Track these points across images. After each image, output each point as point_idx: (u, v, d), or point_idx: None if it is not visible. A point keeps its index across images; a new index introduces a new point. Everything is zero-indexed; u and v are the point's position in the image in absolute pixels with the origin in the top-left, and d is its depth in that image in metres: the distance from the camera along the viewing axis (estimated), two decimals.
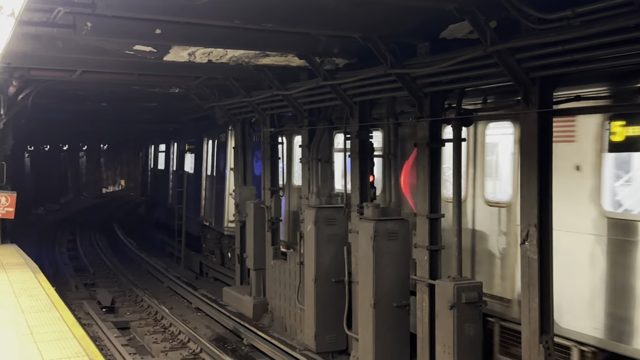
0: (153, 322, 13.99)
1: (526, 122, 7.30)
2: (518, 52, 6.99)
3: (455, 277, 8.28)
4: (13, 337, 7.54)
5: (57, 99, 17.58)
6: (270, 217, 13.46)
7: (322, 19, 7.82)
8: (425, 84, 8.58)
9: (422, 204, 8.79)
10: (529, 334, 7.26)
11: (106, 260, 21.27)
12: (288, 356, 11.00)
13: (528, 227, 7.26)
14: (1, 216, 14.38)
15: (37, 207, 33.81)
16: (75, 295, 16.17)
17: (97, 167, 49.14)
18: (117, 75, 12.67)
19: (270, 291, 13.44)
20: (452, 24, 7.81)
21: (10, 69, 11.52)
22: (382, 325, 9.37)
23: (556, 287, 7.25)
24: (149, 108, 20.80)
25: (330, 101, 10.94)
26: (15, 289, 10.06)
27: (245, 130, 15.23)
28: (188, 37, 8.70)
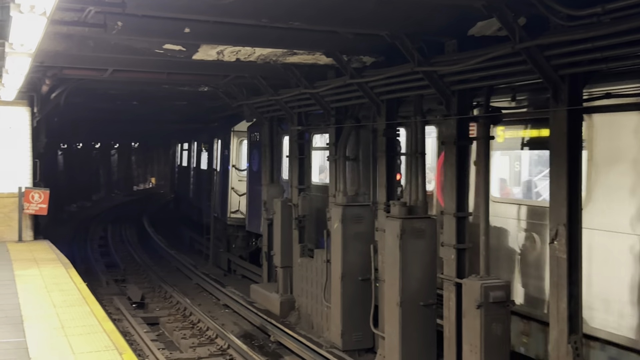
0: (182, 318, 14.15)
1: (555, 120, 7.22)
2: (547, 49, 6.92)
3: (482, 276, 8.23)
4: (45, 331, 7.70)
5: (89, 98, 17.88)
6: (297, 215, 13.51)
7: (349, 17, 7.83)
8: (452, 81, 8.53)
9: (449, 202, 8.75)
10: (557, 334, 7.18)
11: (136, 257, 21.56)
12: (314, 354, 11.04)
13: (557, 226, 7.18)
14: (34, 212, 14.68)
15: (70, 204, 34.39)
16: (106, 290, 16.42)
17: (128, 164, 49.80)
18: (147, 74, 12.84)
19: (297, 289, 13.50)
20: (480, 21, 7.76)
21: (44, 67, 11.75)
22: (409, 324, 9.35)
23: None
24: (179, 106, 21.03)
25: (357, 99, 10.94)
26: (47, 284, 10.27)
27: (273, 129, 15.30)
28: (216, 36, 8.79)
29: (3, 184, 14.72)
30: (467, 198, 8.75)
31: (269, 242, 14.97)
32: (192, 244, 24.26)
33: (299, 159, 13.81)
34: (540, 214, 8.46)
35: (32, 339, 7.35)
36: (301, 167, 13.86)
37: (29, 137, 15.04)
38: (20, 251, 13.39)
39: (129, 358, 6.74)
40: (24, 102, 14.89)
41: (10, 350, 6.98)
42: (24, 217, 14.64)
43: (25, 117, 15.00)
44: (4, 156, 14.79)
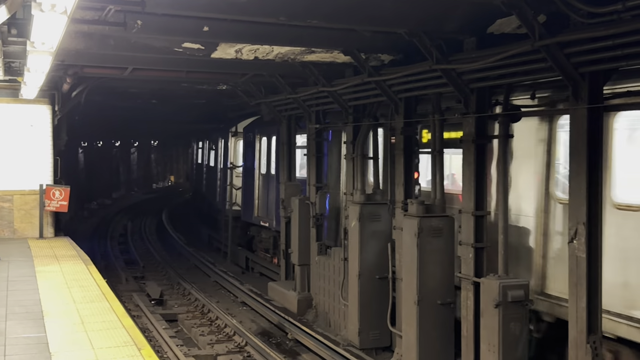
0: (200, 315, 14.23)
1: (575, 118, 7.16)
2: (567, 47, 6.86)
3: (501, 275, 8.18)
4: (65, 326, 7.79)
5: (109, 96, 18.03)
6: (315, 213, 13.53)
7: (367, 15, 7.82)
8: (471, 79, 8.49)
9: (468, 200, 8.72)
10: (576, 334, 7.13)
11: (155, 254, 21.71)
12: (332, 352, 11.05)
13: (576, 225, 7.13)
14: (55, 210, 14.84)
15: (90, 202, 34.72)
16: (125, 287, 16.56)
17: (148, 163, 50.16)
18: (166, 72, 12.92)
19: (315, 287, 13.52)
20: (499, 19, 7.72)
21: (64, 66, 11.87)
22: (426, 323, 9.33)
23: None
24: (197, 105, 21.14)
25: (375, 97, 10.93)
26: (67, 280, 10.38)
27: (291, 127, 15.33)
28: (235, 34, 8.82)
29: (25, 182, 14.89)
30: (485, 197, 8.71)
31: (286, 240, 15.01)
32: (211, 241, 24.39)
33: (316, 157, 13.82)
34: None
35: (53, 334, 7.44)
36: (319, 165, 13.87)
37: (50, 135, 15.20)
38: (41, 248, 13.54)
39: (147, 353, 6.79)
40: (46, 101, 15.06)
41: (31, 345, 7.07)
42: (45, 214, 14.80)
43: (47, 115, 15.17)
44: (26, 154, 14.97)
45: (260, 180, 18.98)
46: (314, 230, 13.57)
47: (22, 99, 14.28)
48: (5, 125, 14.31)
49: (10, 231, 14.85)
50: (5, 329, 7.62)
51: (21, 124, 14.96)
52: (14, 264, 11.69)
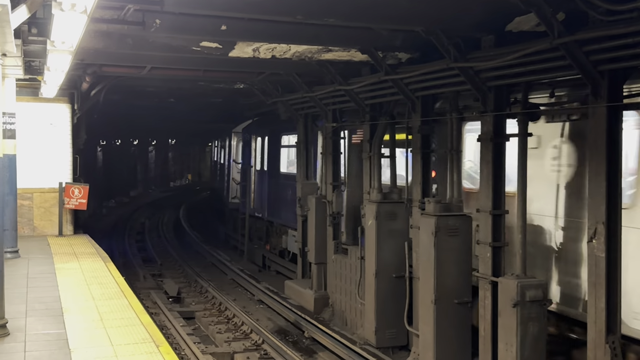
0: (217, 313, 14.30)
1: (594, 117, 7.10)
2: (586, 45, 6.80)
3: (519, 274, 8.14)
4: (84, 323, 7.87)
5: (127, 95, 18.17)
6: (332, 212, 13.54)
7: (384, 13, 7.81)
8: (489, 77, 8.45)
9: (485, 199, 8.68)
10: (595, 334, 7.08)
11: (172, 252, 21.85)
12: (348, 350, 11.05)
13: (596, 224, 7.07)
14: (74, 207, 14.99)
15: (109, 200, 35.01)
16: (143, 284, 16.68)
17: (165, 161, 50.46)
18: (184, 71, 12.99)
19: (331, 285, 13.53)
20: (518, 17, 7.67)
21: (84, 65, 11.98)
22: (443, 322, 9.30)
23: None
24: (214, 104, 21.23)
25: (392, 96, 10.91)
26: (86, 277, 10.48)
27: (307, 126, 15.34)
28: (252, 33, 8.84)
29: (44, 180, 15.06)
30: (503, 196, 8.67)
31: (303, 239, 15.04)
32: (228, 239, 24.50)
33: (333, 155, 13.83)
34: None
35: (72, 331, 7.52)
36: (335, 163, 13.87)
37: (70, 134, 15.35)
38: (61, 245, 13.68)
39: (165, 350, 6.84)
40: (65, 99, 15.21)
41: (50, 341, 7.15)
42: (65, 211, 14.95)
43: (66, 113, 15.32)
44: (46, 152, 15.13)
45: (255, 176, 21.12)
46: (331, 228, 13.58)
47: (42, 97, 14.43)
48: (25, 123, 14.45)
49: (30, 229, 15.02)
50: (25, 325, 7.72)
51: (41, 123, 15.13)
52: (33, 261, 11.83)
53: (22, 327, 7.63)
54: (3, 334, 7.32)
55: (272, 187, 19.17)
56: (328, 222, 13.62)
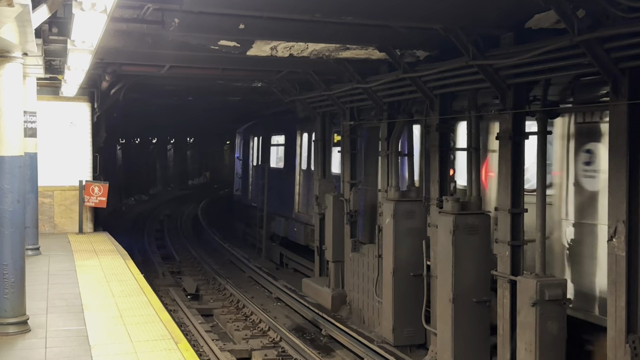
0: (235, 310, 14.36)
1: (615, 114, 7.03)
2: (607, 42, 6.74)
3: (538, 273, 8.09)
4: (104, 319, 7.95)
5: (146, 94, 18.30)
6: (349, 210, 13.53)
7: (402, 11, 7.79)
8: (508, 75, 8.40)
9: (504, 198, 8.63)
10: (615, 333, 7.01)
11: (191, 250, 21.97)
12: (366, 348, 11.04)
13: (616, 223, 7.00)
14: (94, 205, 15.13)
15: (128, 198, 35.27)
16: (162, 282, 16.79)
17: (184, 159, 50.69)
18: (202, 70, 13.06)
19: (349, 283, 13.53)
20: (537, 14, 7.61)
21: (103, 64, 12.08)
22: (461, 321, 9.27)
23: None
24: (233, 102, 21.29)
25: (410, 94, 10.88)
26: (106, 274, 10.59)
27: (325, 124, 15.35)
28: (270, 32, 8.87)
29: (65, 178, 15.22)
30: (522, 194, 8.61)
31: (320, 237, 15.05)
32: (245, 237, 24.59)
33: (351, 153, 13.83)
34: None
35: (92, 327, 7.60)
36: (353, 162, 13.86)
37: (90, 132, 15.51)
38: (81, 242, 13.83)
39: (184, 347, 6.90)
40: (85, 98, 15.36)
41: (71, 337, 7.24)
42: (85, 209, 15.10)
43: (86, 112, 15.47)
44: (66, 150, 15.29)
45: (252, 171, 24.14)
46: (348, 227, 13.58)
47: (62, 96, 14.59)
48: (46, 122, 14.62)
49: (51, 226, 15.19)
50: (46, 322, 7.82)
51: (61, 121, 15.29)
52: (54, 258, 11.97)
53: (43, 324, 7.73)
54: (24, 330, 7.42)
55: (263, 180, 21.13)
56: (345, 220, 13.61)
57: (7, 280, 7.32)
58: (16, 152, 7.38)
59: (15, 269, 7.39)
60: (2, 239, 7.31)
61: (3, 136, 7.30)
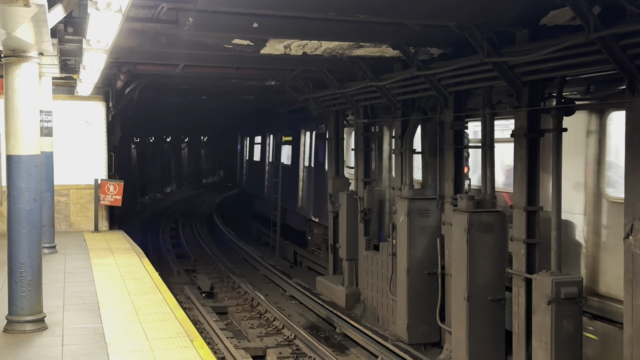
0: (249, 308, 14.41)
1: (632, 112, 6.97)
2: (623, 39, 6.68)
3: (554, 271, 8.04)
4: (120, 317, 8.01)
5: (161, 93, 18.38)
6: (363, 208, 13.52)
7: (416, 8, 7.77)
8: (523, 72, 8.35)
9: (519, 196, 8.58)
10: (632, 331, 6.96)
11: (206, 248, 22.06)
12: (380, 346, 11.04)
13: (633, 220, 6.94)
14: (109, 204, 15.22)
15: (143, 196, 35.46)
16: (177, 280, 16.88)
17: (198, 158, 50.87)
18: (216, 69, 13.10)
19: (363, 281, 13.53)
20: (552, 10, 7.56)
21: (118, 63, 12.15)
22: (476, 319, 9.23)
23: None
24: (247, 101, 21.33)
25: (424, 92, 10.85)
26: (122, 272, 10.65)
27: (338, 122, 15.34)
28: (284, 30, 8.88)
29: (80, 176, 15.33)
30: (538, 192, 8.56)
31: (334, 235, 15.05)
32: (260, 236, 24.66)
33: (364, 151, 13.81)
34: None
35: (108, 325, 7.66)
36: (367, 160, 13.85)
37: (105, 131, 15.60)
38: (97, 241, 13.92)
39: (199, 345, 6.93)
40: (100, 97, 15.45)
41: (87, 335, 7.30)
42: (100, 208, 15.20)
43: (101, 111, 15.57)
44: (81, 149, 15.40)
45: (246, 165, 30.23)
46: (362, 225, 13.57)
47: (77, 95, 14.68)
48: (61, 121, 14.73)
49: (67, 224, 15.31)
50: (62, 320, 7.88)
51: (77, 120, 15.40)
52: (70, 256, 12.06)
53: (59, 321, 7.79)
54: (41, 327, 7.49)
55: (252, 171, 26.86)
56: (359, 218, 13.61)
57: (24, 279, 7.40)
58: (33, 152, 7.45)
59: (32, 267, 7.46)
60: (19, 238, 7.38)
61: (20, 135, 7.37)
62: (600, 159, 8.48)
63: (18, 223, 7.36)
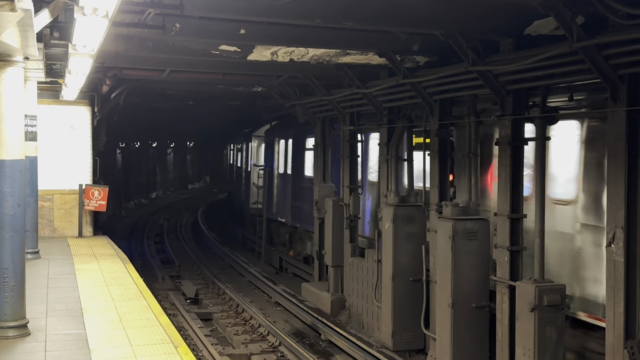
0: (234, 315, 14.37)
1: (614, 121, 7.06)
2: (606, 49, 6.78)
3: (537, 278, 8.10)
4: (103, 323, 7.96)
5: (147, 98, 18.33)
6: (349, 215, 13.55)
7: (402, 17, 7.83)
8: (507, 81, 8.43)
9: (503, 203, 8.65)
10: (614, 338, 7.03)
11: (191, 254, 21.98)
12: (365, 353, 11.06)
13: (614, 228, 7.03)
14: (94, 209, 15.14)
15: (128, 202, 35.27)
16: (162, 286, 16.80)
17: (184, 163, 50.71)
18: (203, 74, 13.10)
19: (348, 288, 13.54)
20: (537, 20, 7.65)
21: (104, 68, 12.11)
22: (461, 326, 9.28)
23: None
24: (233, 106, 21.33)
25: (410, 99, 10.92)
26: (106, 278, 10.59)
27: (325, 129, 15.38)
28: (271, 37, 8.90)
29: (65, 181, 15.23)
30: (521, 199, 8.64)
31: (320, 241, 15.06)
32: (245, 241, 24.61)
33: (350, 158, 13.85)
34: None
35: (92, 331, 7.61)
36: (352, 166, 13.89)
37: (90, 136, 15.52)
38: (80, 246, 13.83)
39: (184, 351, 6.90)
40: (85, 102, 15.38)
41: (70, 341, 7.25)
42: (84, 213, 15.11)
43: (87, 116, 15.49)
44: (66, 154, 15.30)
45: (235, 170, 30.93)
46: (348, 231, 13.60)
47: (62, 100, 14.62)
48: (46, 126, 14.63)
49: (50, 230, 15.20)
50: (45, 325, 7.83)
51: (62, 125, 15.31)
52: (54, 261, 11.97)
53: (42, 327, 7.74)
54: (24, 333, 7.43)
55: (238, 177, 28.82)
56: (345, 225, 13.63)
57: (7, 284, 7.33)
58: (17, 156, 7.40)
59: (15, 272, 7.40)
60: (2, 243, 7.32)
61: (4, 140, 7.32)
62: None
63: (1, 228, 7.30)
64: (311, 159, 17.36)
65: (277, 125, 22.13)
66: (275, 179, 21.38)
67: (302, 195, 18.32)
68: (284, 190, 20.39)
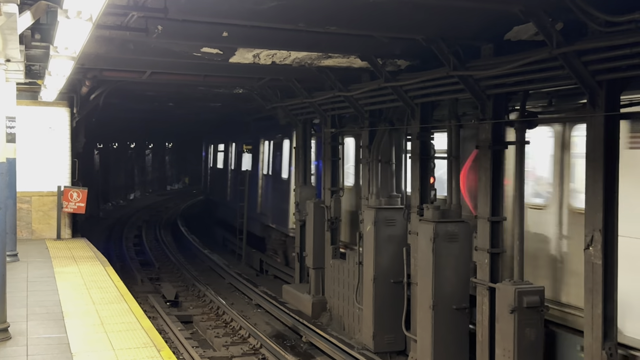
0: (215, 317, 14.33)
1: (592, 126, 7.19)
2: (585, 55, 6.90)
3: (516, 280, 8.21)
4: (85, 327, 7.91)
5: (126, 99, 18.21)
6: (330, 217, 13.59)
7: (384, 21, 7.89)
8: (488, 85, 8.54)
9: (484, 206, 8.75)
10: (592, 340, 7.15)
11: (170, 256, 21.87)
12: (346, 355, 11.10)
13: (592, 232, 7.15)
14: (73, 211, 15.01)
15: (106, 203, 34.96)
16: (141, 288, 16.68)
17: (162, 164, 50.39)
18: (184, 76, 13.05)
19: (329, 290, 13.58)
20: (517, 26, 7.76)
21: (84, 69, 12.01)
22: (441, 327, 9.37)
23: None
24: (214, 108, 21.26)
25: (391, 102, 10.99)
26: (86, 281, 10.52)
27: (306, 131, 15.42)
28: (253, 40, 8.91)
29: (43, 183, 15.08)
30: (502, 202, 8.74)
31: (301, 243, 15.09)
32: (225, 243, 24.54)
33: (332, 161, 13.89)
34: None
35: (73, 335, 7.56)
36: (334, 169, 13.93)
37: (69, 137, 15.39)
38: (59, 249, 13.71)
39: (167, 355, 6.89)
40: (64, 103, 15.25)
41: (52, 345, 7.19)
42: (63, 215, 14.97)
43: (65, 117, 15.36)
44: (44, 156, 15.15)
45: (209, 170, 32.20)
46: (329, 233, 13.64)
47: (41, 101, 14.48)
48: (24, 127, 14.48)
49: (29, 232, 15.04)
50: (26, 329, 7.76)
51: (40, 126, 15.16)
52: (33, 264, 11.85)
53: (23, 331, 7.67)
54: (5, 337, 7.36)
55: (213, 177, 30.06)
56: (326, 227, 13.67)
57: None
58: None
59: None
60: None
61: None
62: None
63: None
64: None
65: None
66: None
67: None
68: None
